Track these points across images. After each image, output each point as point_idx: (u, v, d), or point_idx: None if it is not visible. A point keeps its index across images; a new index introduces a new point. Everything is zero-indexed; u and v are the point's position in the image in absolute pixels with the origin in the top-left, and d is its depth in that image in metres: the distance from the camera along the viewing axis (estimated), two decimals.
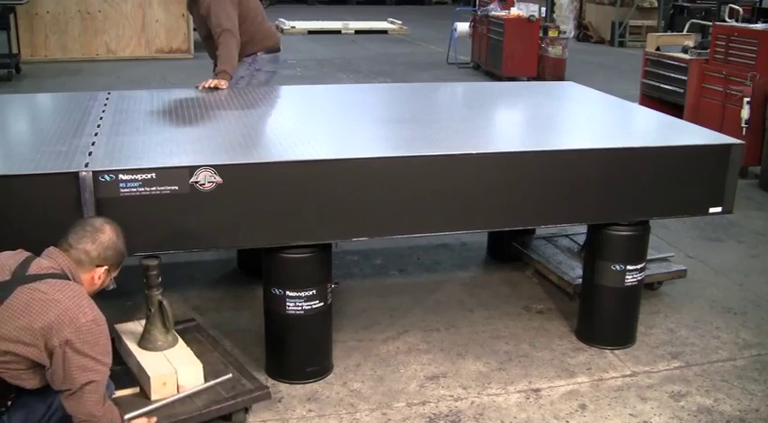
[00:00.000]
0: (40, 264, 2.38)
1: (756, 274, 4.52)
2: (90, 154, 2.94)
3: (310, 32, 15.87)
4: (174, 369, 2.89)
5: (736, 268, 4.61)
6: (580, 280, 3.80)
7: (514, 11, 11.29)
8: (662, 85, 7.22)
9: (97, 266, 2.47)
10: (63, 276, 2.37)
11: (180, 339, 3.09)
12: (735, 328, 3.86)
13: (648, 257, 3.63)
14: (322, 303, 3.17)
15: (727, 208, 3.52)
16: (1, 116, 3.78)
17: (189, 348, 3.05)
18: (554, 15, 16.03)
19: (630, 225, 3.44)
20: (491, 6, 11.88)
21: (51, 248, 2.44)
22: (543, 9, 12.28)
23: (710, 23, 8.26)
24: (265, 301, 3.21)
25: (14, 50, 10.54)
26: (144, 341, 3.03)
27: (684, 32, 8.13)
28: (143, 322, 3.10)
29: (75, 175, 2.72)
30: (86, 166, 2.78)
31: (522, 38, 10.90)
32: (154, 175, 2.78)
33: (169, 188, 2.81)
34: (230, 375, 3.00)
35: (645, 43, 8.63)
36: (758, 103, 6.17)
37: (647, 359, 3.53)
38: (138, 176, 2.77)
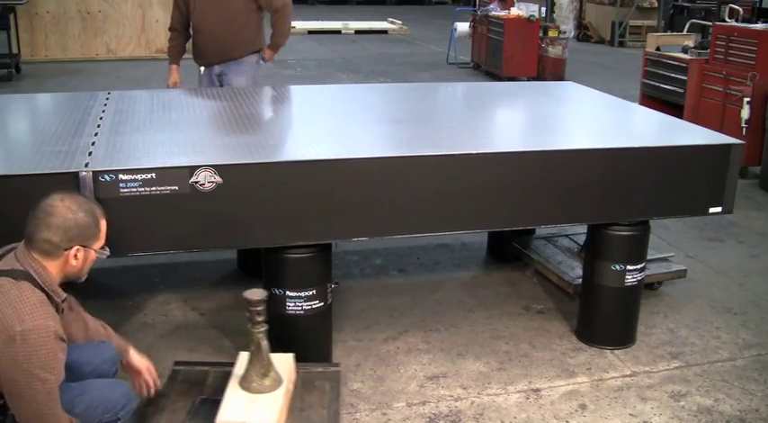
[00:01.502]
0: (5, 261, 2.23)
1: (756, 274, 4.52)
2: (90, 154, 2.94)
3: (310, 32, 15.88)
4: (245, 420, 2.60)
5: (736, 268, 4.61)
6: (580, 280, 3.80)
7: (514, 11, 11.29)
8: (662, 85, 7.22)
9: (66, 250, 2.25)
10: (23, 275, 2.18)
11: (283, 386, 2.75)
12: (735, 328, 3.86)
13: (648, 257, 3.63)
14: (322, 303, 3.17)
15: (727, 208, 3.52)
16: (1, 116, 3.78)
17: (282, 400, 2.70)
18: (554, 15, 16.03)
19: (630, 225, 3.44)
20: (491, 6, 11.88)
21: (18, 245, 2.29)
22: (543, 9, 12.30)
23: (710, 23, 8.26)
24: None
25: (14, 50, 10.54)
26: (243, 379, 2.75)
27: (684, 32, 8.13)
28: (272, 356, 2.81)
29: (75, 175, 2.72)
30: (86, 166, 2.78)
31: (522, 38, 10.90)
32: (154, 175, 2.78)
33: (169, 188, 2.81)
34: None
35: (645, 43, 8.63)
36: (758, 103, 6.17)
37: (647, 359, 3.53)
38: (138, 176, 2.77)
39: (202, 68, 5.17)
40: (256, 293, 2.67)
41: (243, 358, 2.83)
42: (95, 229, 2.32)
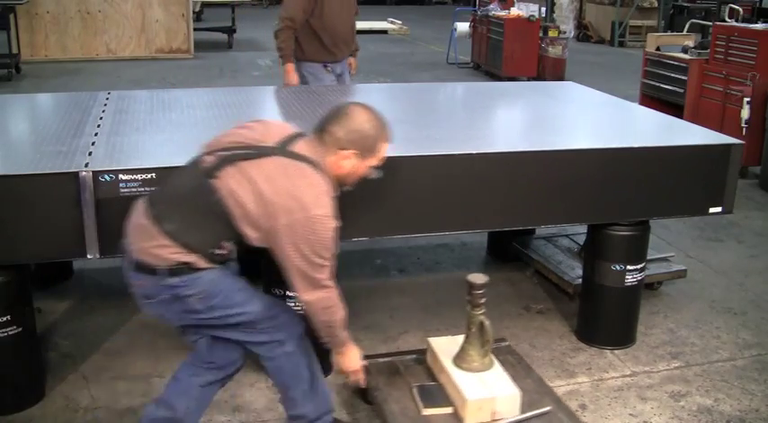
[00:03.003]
0: (301, 145, 2.37)
1: (756, 274, 4.52)
2: (90, 154, 2.93)
3: None
4: (493, 394, 2.73)
5: (736, 268, 4.61)
6: (580, 280, 3.80)
7: (514, 11, 11.29)
8: (662, 85, 7.22)
9: (340, 149, 2.39)
10: (315, 164, 2.34)
11: (496, 362, 2.91)
12: (735, 328, 3.86)
13: (648, 257, 3.63)
14: None
15: (727, 208, 3.52)
16: (1, 116, 3.78)
17: (506, 373, 2.87)
18: (554, 15, 16.03)
19: (630, 225, 3.44)
20: (491, 6, 11.88)
21: (311, 133, 2.44)
22: (543, 9, 12.30)
23: (710, 23, 8.26)
24: None
25: (14, 50, 10.54)
26: (459, 360, 2.88)
27: (684, 32, 8.13)
28: (457, 338, 2.98)
29: (75, 175, 2.72)
30: (86, 166, 2.78)
31: (522, 38, 10.90)
32: (154, 175, 2.78)
33: None
34: (549, 408, 2.80)
35: (645, 43, 8.63)
36: (758, 103, 6.17)
37: (647, 359, 3.53)
38: (138, 176, 2.77)
39: (319, 67, 5.12)
40: (479, 278, 2.82)
41: (436, 344, 3.01)
42: (374, 144, 2.44)
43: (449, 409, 2.78)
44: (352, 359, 2.63)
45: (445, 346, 3.00)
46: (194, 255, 2.27)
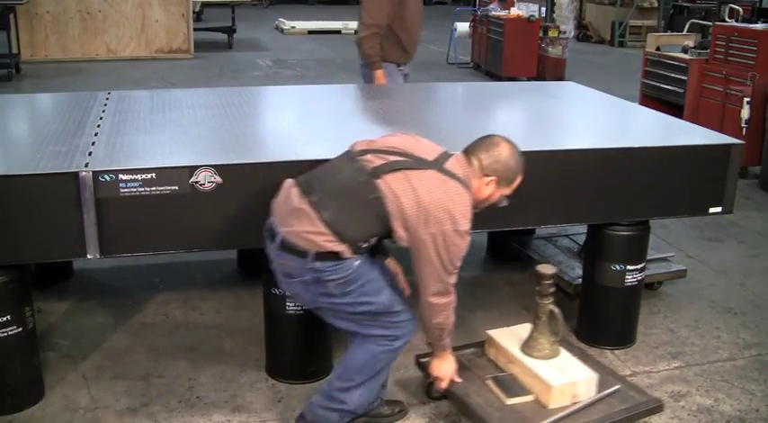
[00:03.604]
0: (453, 164, 2.57)
1: (756, 274, 4.52)
2: (90, 154, 2.94)
3: (310, 32, 15.89)
4: (573, 379, 2.86)
5: (736, 268, 4.61)
6: (580, 280, 3.80)
7: (514, 11, 11.29)
8: (662, 85, 7.22)
9: (484, 175, 2.61)
10: (465, 184, 2.55)
11: (562, 349, 3.03)
12: (735, 328, 3.86)
13: (648, 257, 3.63)
14: None
15: (727, 208, 3.52)
16: (1, 116, 3.78)
17: (575, 358, 3.01)
18: (554, 15, 16.03)
19: (630, 225, 3.44)
20: (491, 6, 11.88)
21: (459, 154, 2.64)
22: (543, 9, 12.29)
23: (710, 23, 8.26)
24: (265, 301, 3.20)
25: (14, 50, 10.54)
26: (529, 348, 2.99)
27: (684, 32, 8.13)
28: (515, 329, 3.14)
29: (75, 175, 2.72)
30: (86, 166, 2.78)
31: (522, 38, 10.90)
32: (154, 175, 2.78)
33: (169, 188, 2.81)
34: (618, 386, 2.94)
35: (645, 43, 8.63)
36: (758, 103, 6.17)
37: (647, 359, 3.53)
38: (138, 176, 2.77)
39: (393, 67, 5.15)
40: (548, 268, 2.98)
41: (498, 336, 3.12)
42: (513, 177, 2.69)
43: (530, 397, 2.87)
44: (447, 366, 2.87)
45: (507, 338, 3.11)
46: (344, 245, 2.46)
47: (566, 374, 2.88)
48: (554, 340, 3.01)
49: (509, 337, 3.12)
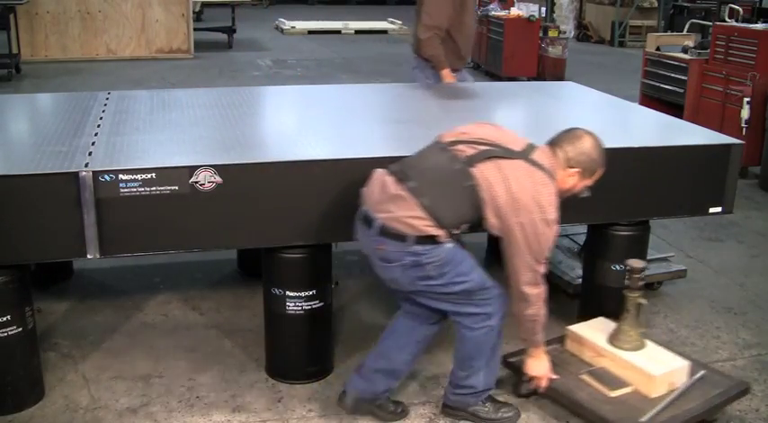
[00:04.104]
0: (540, 155, 2.68)
1: (756, 274, 4.52)
2: (90, 154, 2.94)
3: (310, 32, 15.87)
4: (671, 368, 2.97)
5: (736, 268, 4.61)
6: (580, 280, 3.79)
7: (514, 11, 11.29)
8: (662, 85, 7.22)
9: (569, 167, 2.72)
10: (551, 174, 2.65)
11: (647, 340, 3.13)
12: (735, 328, 3.86)
13: (648, 257, 3.63)
14: (322, 303, 3.17)
15: (727, 208, 3.52)
16: (1, 116, 3.78)
17: (663, 348, 3.12)
18: (554, 15, 16.02)
19: (630, 225, 3.44)
20: (491, 6, 11.88)
21: (545, 146, 2.74)
22: (543, 9, 12.29)
23: (710, 23, 8.26)
24: (265, 301, 3.21)
25: (14, 50, 10.53)
26: (618, 341, 3.09)
27: (684, 32, 8.13)
28: (591, 324, 3.25)
29: (75, 175, 2.72)
30: (86, 166, 2.78)
31: (522, 38, 10.90)
32: (154, 175, 2.78)
33: (169, 188, 2.81)
34: (704, 372, 3.05)
35: (645, 43, 8.63)
36: (758, 103, 6.17)
37: None
38: (138, 176, 2.77)
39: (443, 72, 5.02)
40: (639, 263, 3.06)
41: (581, 331, 3.20)
42: (596, 169, 2.79)
43: (630, 389, 2.94)
44: (542, 365, 2.94)
45: (592, 332, 3.19)
46: (442, 229, 2.59)
47: (663, 364, 2.97)
48: (641, 332, 3.10)
49: (593, 331, 3.19)
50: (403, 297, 2.88)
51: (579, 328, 3.24)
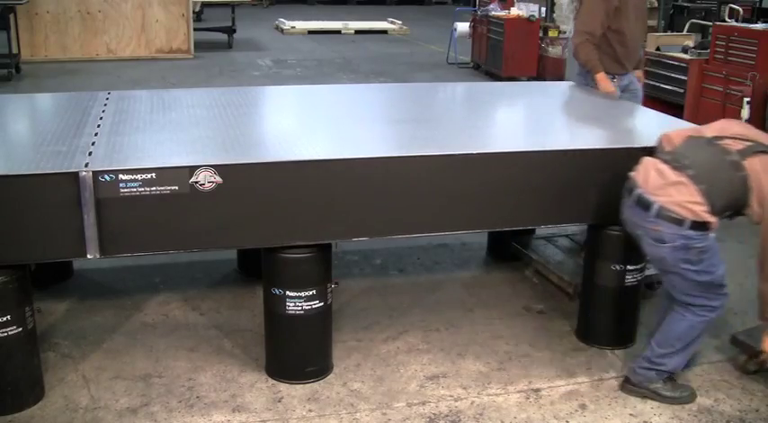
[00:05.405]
0: None
1: (756, 275, 4.50)
2: (90, 154, 2.94)
3: (310, 32, 15.88)
4: None
5: (736, 268, 4.59)
6: (580, 280, 3.79)
7: (514, 11, 11.29)
8: (662, 85, 7.22)
9: None
10: None
11: None
12: (735, 328, 3.85)
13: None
14: (322, 303, 3.17)
15: None
16: (1, 116, 3.78)
17: None
18: (554, 15, 16.00)
19: None
20: (491, 6, 11.88)
21: None
22: (543, 9, 12.27)
23: (710, 23, 8.26)
24: (265, 301, 3.21)
25: (14, 50, 10.53)
26: None
27: (684, 32, 8.13)
28: None
29: (75, 175, 2.72)
30: (86, 166, 2.78)
31: (522, 38, 10.91)
32: (154, 175, 2.78)
33: (169, 188, 2.81)
34: None
35: (645, 43, 8.62)
36: (758, 103, 6.17)
37: None
38: (138, 176, 2.77)
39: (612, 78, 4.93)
40: None
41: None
42: None
43: None
44: None
45: None
46: (714, 217, 2.85)
47: None
48: None
49: None
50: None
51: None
